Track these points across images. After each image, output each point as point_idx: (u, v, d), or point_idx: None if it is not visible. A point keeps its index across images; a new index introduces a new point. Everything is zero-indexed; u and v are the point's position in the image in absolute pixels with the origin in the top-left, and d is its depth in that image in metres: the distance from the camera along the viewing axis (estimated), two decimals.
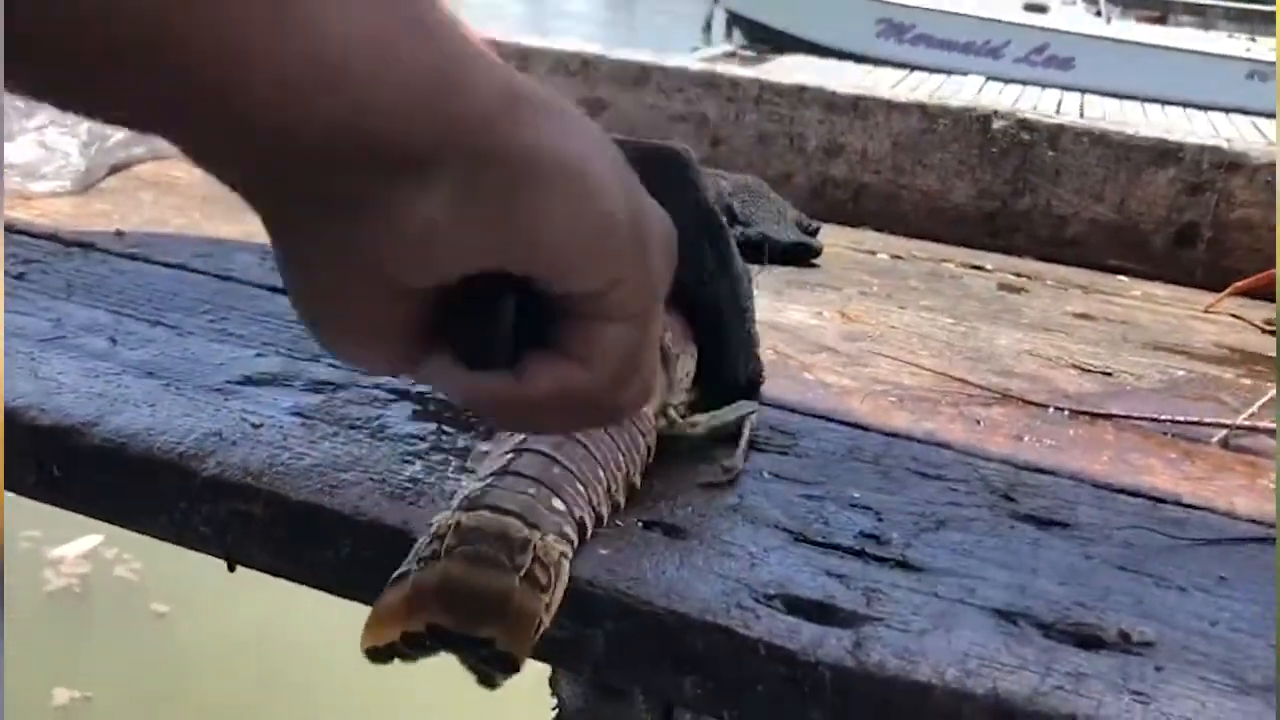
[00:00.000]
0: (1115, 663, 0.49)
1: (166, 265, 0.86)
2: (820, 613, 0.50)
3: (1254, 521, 0.63)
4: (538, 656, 0.54)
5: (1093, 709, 0.46)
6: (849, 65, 11.26)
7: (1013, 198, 1.09)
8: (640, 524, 0.56)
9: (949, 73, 11.19)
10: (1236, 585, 0.56)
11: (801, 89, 1.13)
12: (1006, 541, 0.58)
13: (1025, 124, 1.07)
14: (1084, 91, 10.65)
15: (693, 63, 1.17)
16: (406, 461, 0.59)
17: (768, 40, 14.03)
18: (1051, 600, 0.53)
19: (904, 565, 0.55)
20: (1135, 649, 0.50)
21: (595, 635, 0.51)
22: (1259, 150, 1.02)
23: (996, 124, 1.08)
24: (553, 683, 0.63)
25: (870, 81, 10.19)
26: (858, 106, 1.12)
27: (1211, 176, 1.03)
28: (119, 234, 0.91)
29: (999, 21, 13.79)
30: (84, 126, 1.07)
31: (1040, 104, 9.83)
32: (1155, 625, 0.52)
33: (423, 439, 0.62)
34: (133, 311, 0.77)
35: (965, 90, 10.25)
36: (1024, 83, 11.34)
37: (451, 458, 0.60)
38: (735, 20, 15.89)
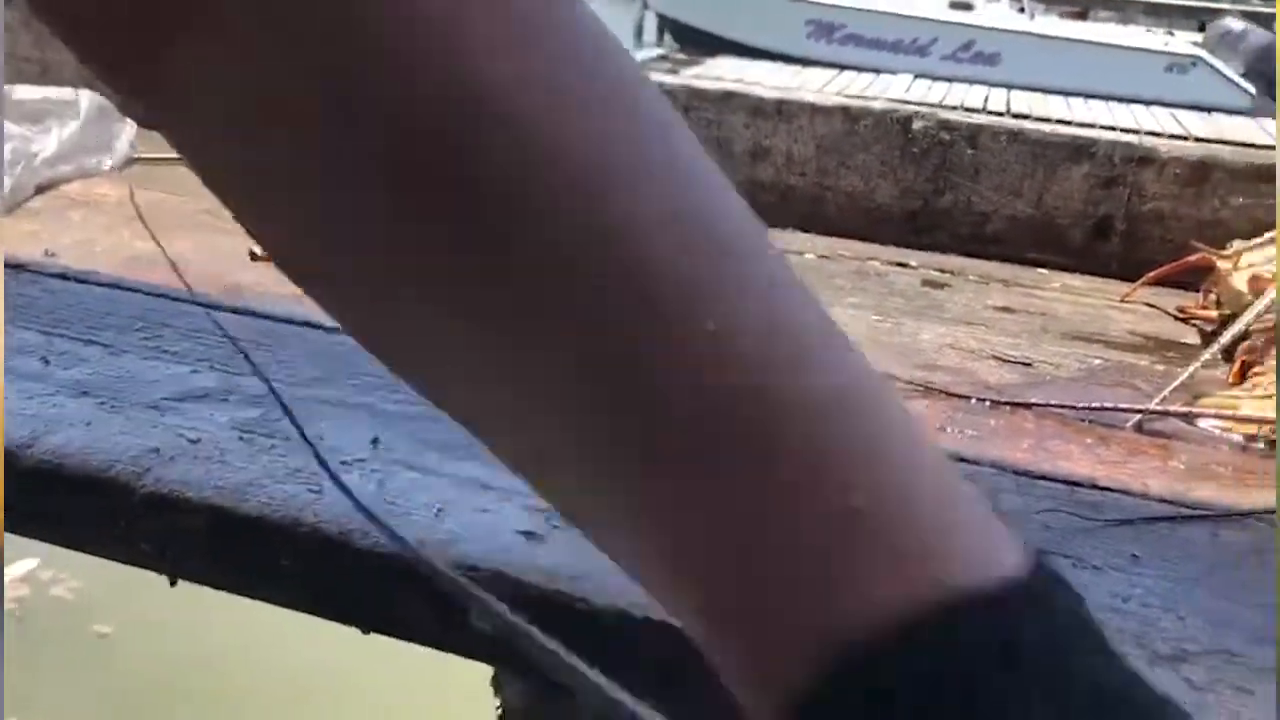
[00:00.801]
0: None
1: (98, 284, 0.85)
2: None
3: (1165, 501, 0.66)
4: (480, 658, 0.55)
5: None
6: (780, 66, 11.35)
7: (934, 196, 1.12)
8: None
9: (878, 71, 11.33)
10: (1148, 563, 0.59)
11: (727, 94, 1.15)
12: None
13: (945, 124, 1.11)
14: (1010, 87, 10.82)
15: None
16: (344, 471, 0.60)
17: (699, 43, 14.07)
18: None
19: None
20: None
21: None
22: (1167, 145, 1.06)
23: (917, 124, 1.11)
24: (495, 684, 0.64)
25: (799, 82, 10.29)
26: (782, 110, 1.14)
27: (1123, 171, 1.07)
28: (48, 254, 0.91)
29: (926, 20, 13.97)
30: (9, 145, 1.06)
31: (967, 99, 10.00)
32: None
33: (359, 449, 0.63)
34: (65, 331, 0.76)
35: (894, 88, 10.40)
36: (951, 80, 11.51)
37: (396, 467, 0.61)
38: (666, 24, 15.95)
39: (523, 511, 0.58)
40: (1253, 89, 13.75)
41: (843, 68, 11.68)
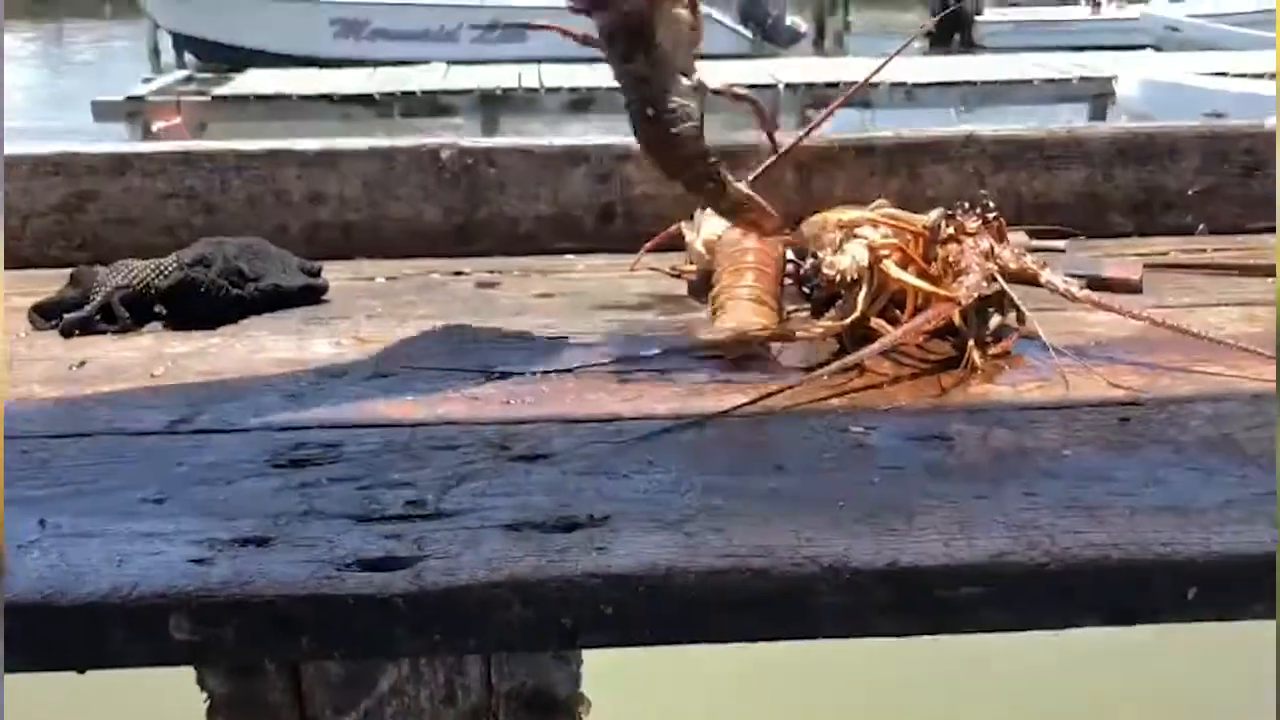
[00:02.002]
0: (584, 534, 0.73)
1: None
2: (387, 563, 0.71)
3: (668, 418, 0.91)
4: (184, 663, 0.70)
5: (574, 567, 0.70)
6: (312, 71, 11.23)
7: (472, 210, 1.33)
8: (235, 541, 0.73)
9: (413, 63, 11.50)
10: (659, 463, 0.83)
11: (274, 152, 1.29)
12: (509, 479, 0.82)
13: (466, 151, 1.32)
14: (540, 61, 11.38)
15: (169, 145, 1.30)
16: (24, 552, 0.72)
17: (223, 58, 13.61)
18: (543, 509, 0.77)
19: (440, 515, 0.76)
20: (598, 524, 0.75)
21: (226, 633, 0.68)
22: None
23: (444, 154, 1.32)
24: (200, 681, 0.78)
25: (330, 85, 10.24)
26: (326, 159, 1.31)
27: (612, 167, 1.33)
28: None
29: (448, 6, 14.32)
30: None
31: (502, 81, 10.43)
32: (611, 505, 0.77)
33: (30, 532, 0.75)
34: None
35: (431, 78, 10.61)
36: (485, 62, 11.92)
37: (70, 538, 0.74)
38: (183, 42, 15.22)
39: (190, 546, 0.72)
40: (749, 34, 15.26)
41: (376, 64, 11.76)
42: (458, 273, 1.30)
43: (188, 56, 14.95)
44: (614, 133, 1.35)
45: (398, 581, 0.69)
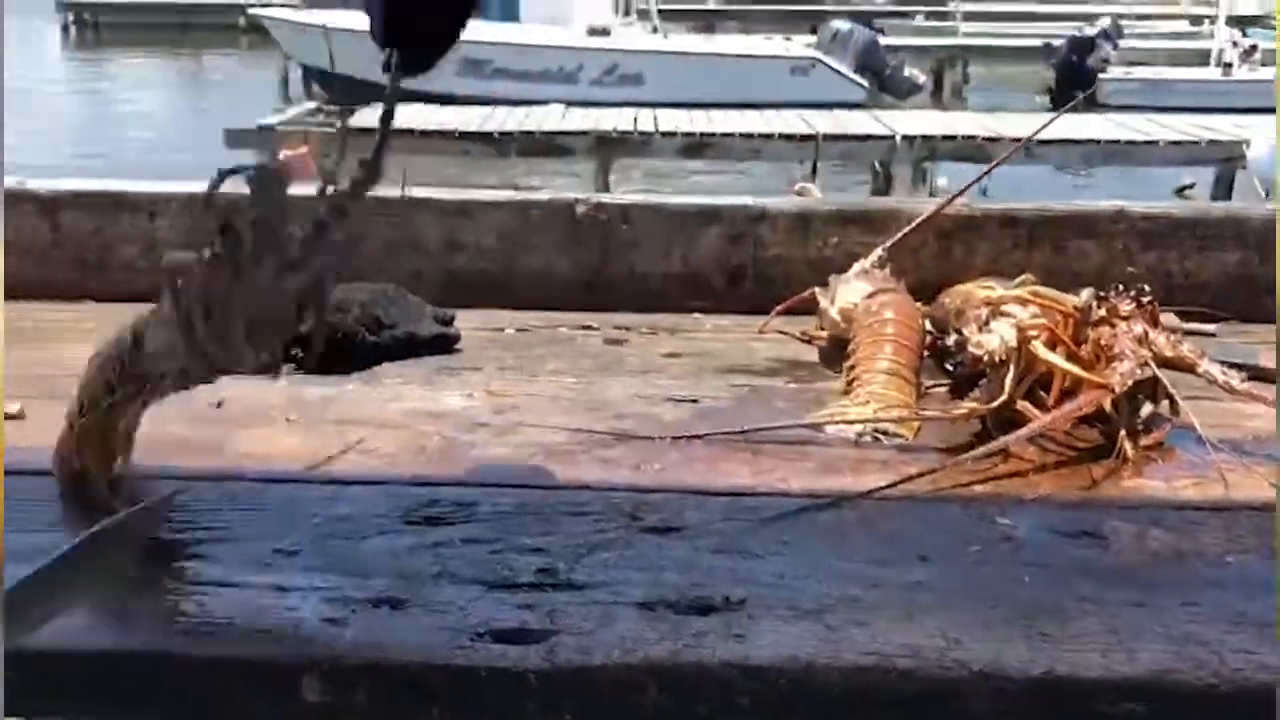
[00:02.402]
0: (721, 618, 0.71)
1: None
2: (519, 636, 0.70)
3: (804, 496, 0.89)
4: None
5: (710, 655, 0.68)
6: (432, 108, 11.50)
7: (603, 266, 1.33)
8: (368, 602, 0.73)
9: (532, 103, 11.70)
10: (794, 545, 0.81)
11: (414, 202, 1.31)
12: (640, 551, 0.80)
13: (600, 206, 1.32)
14: (656, 106, 11.49)
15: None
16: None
17: (349, 90, 14.02)
18: (675, 587, 0.75)
19: (571, 586, 0.75)
20: (734, 608, 0.73)
21: (357, 695, 0.68)
22: (772, 204, 1.32)
23: (579, 210, 1.32)
24: None
25: (460, 121, 10.48)
26: (464, 210, 1.32)
27: (745, 228, 1.32)
28: None
29: (569, 48, 14.58)
30: None
31: (619, 124, 10.55)
32: (745, 587, 0.75)
33: None
34: None
35: (549, 119, 10.78)
36: (602, 104, 12.08)
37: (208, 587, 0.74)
38: (312, 75, 15.74)
39: (324, 604, 0.72)
40: (865, 83, 15.21)
41: (497, 102, 11.99)
42: (586, 327, 1.30)
43: (315, 88, 15.44)
44: (727, 178, 1.34)
45: (531, 656, 0.68)
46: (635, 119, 10.75)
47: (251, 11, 16.74)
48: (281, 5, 16.90)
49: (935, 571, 0.78)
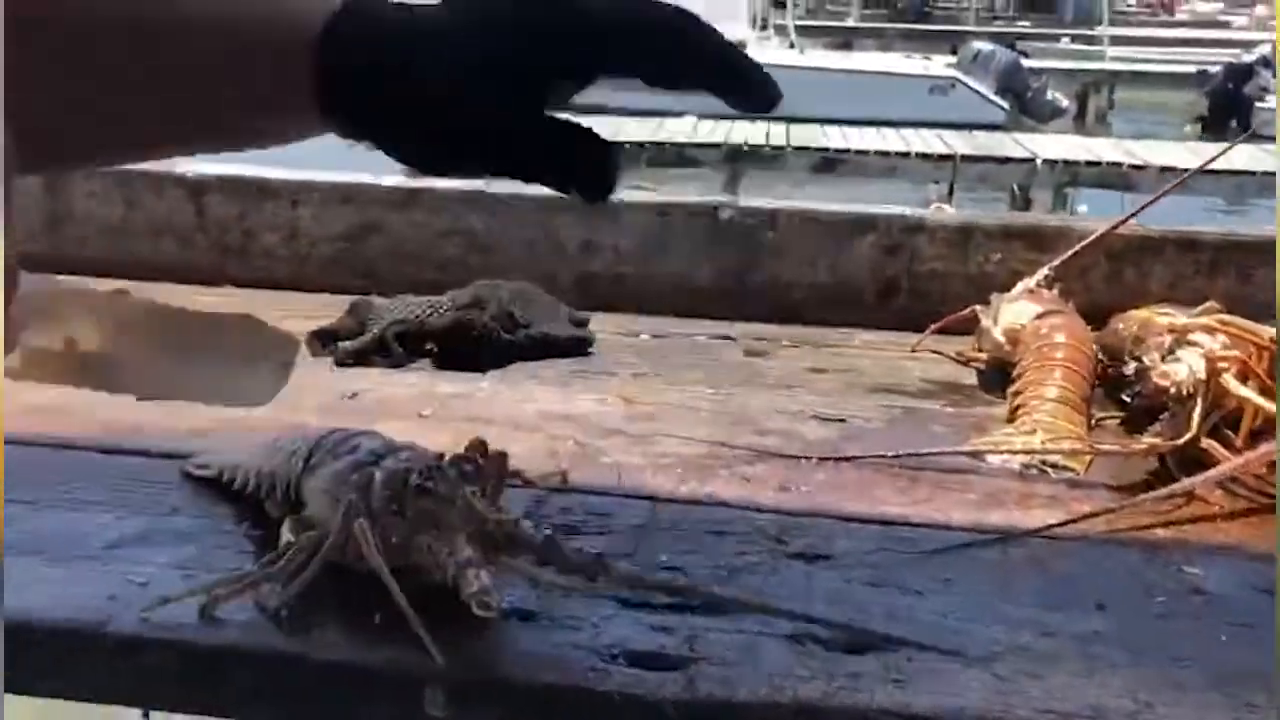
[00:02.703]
0: (877, 658, 0.65)
1: None
2: (656, 661, 0.64)
3: (966, 529, 0.81)
4: None
5: (867, 699, 0.61)
6: (562, 117, 11.57)
7: (746, 273, 1.28)
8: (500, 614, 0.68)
9: (663, 115, 11.71)
10: (958, 583, 0.74)
11: (555, 199, 1.27)
12: (785, 578, 0.74)
13: (746, 211, 1.26)
14: (789, 121, 11.39)
15: (455, 183, 1.30)
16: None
17: None
18: (828, 620, 0.68)
19: (712, 611, 0.69)
20: (892, 648, 0.66)
21: (483, 715, 0.63)
22: (931, 216, 1.25)
23: (723, 214, 1.27)
24: None
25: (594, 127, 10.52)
26: (604, 210, 1.28)
27: (902, 239, 1.25)
28: None
29: None
30: None
31: (750, 137, 10.47)
32: (904, 626, 0.68)
33: None
34: None
35: (680, 131, 10.77)
36: (734, 117, 12.01)
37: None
38: None
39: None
40: (1005, 105, 14.84)
41: (629, 112, 12.04)
42: (725, 337, 1.24)
43: None
44: (858, 197, 1.27)
45: (669, 685, 0.62)
46: (767, 133, 10.67)
47: None
48: None
49: (1115, 622, 0.70)
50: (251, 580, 0.68)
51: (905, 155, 10.14)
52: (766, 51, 15.19)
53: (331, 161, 1.27)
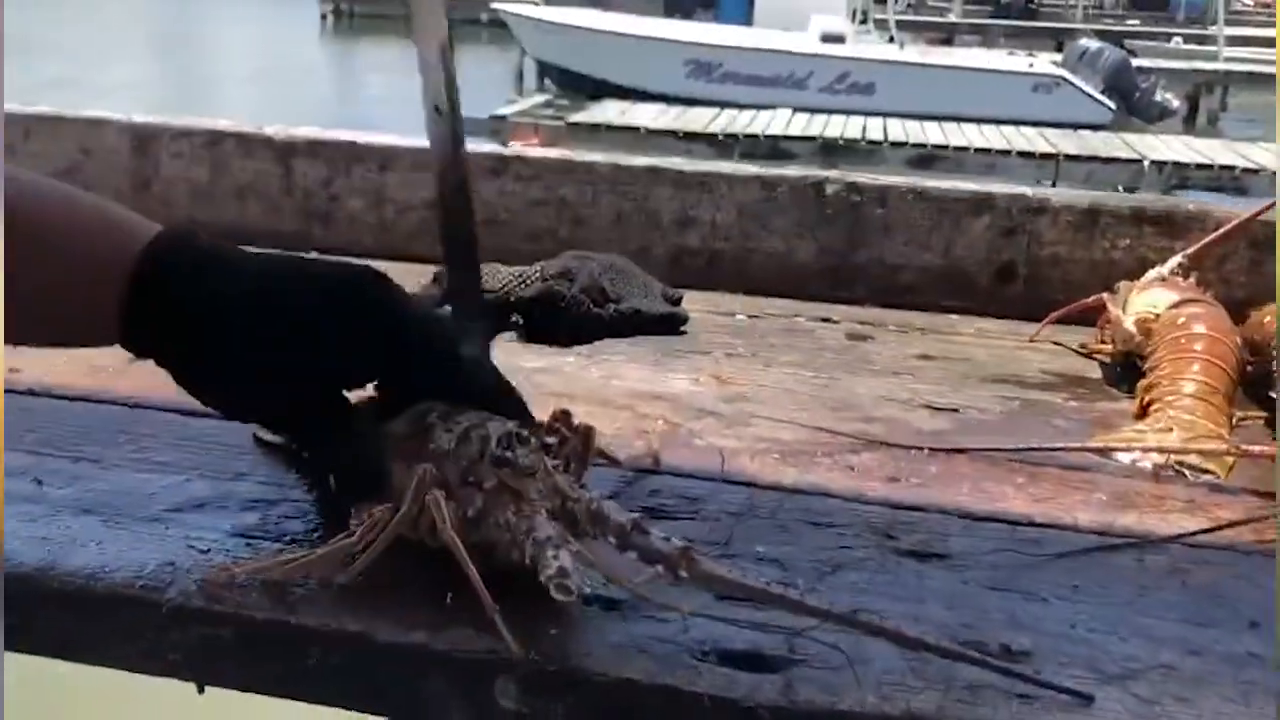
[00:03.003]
0: (999, 671, 0.57)
1: (69, 399, 0.88)
2: (751, 662, 0.58)
3: (1095, 532, 0.73)
4: None
5: (989, 714, 0.54)
6: (659, 107, 11.55)
7: (850, 253, 1.20)
8: (580, 600, 0.62)
9: (759, 107, 11.60)
10: (1087, 591, 0.66)
11: (653, 170, 1.22)
12: (895, 576, 0.67)
13: (854, 186, 1.19)
14: (886, 115, 11.20)
15: (550, 151, 1.25)
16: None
17: (579, 87, 14.27)
18: (941, 624, 0.62)
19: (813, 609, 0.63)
20: (1017, 658, 0.59)
21: (557, 708, 0.57)
22: (1057, 195, 1.16)
23: (829, 188, 1.19)
24: None
25: (684, 122, 10.49)
26: (703, 182, 1.21)
27: (1021, 220, 1.16)
28: (12, 370, 0.93)
29: (801, 54, 14.38)
30: None
31: (846, 131, 10.31)
32: (1029, 635, 0.61)
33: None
34: (51, 450, 0.79)
35: (775, 123, 10.66)
36: (829, 111, 11.85)
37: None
38: (546, 70, 16.10)
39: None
40: (1112, 104, 14.41)
41: (724, 105, 11.95)
42: (826, 319, 1.17)
43: (548, 83, 15.79)
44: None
45: (765, 689, 0.56)
46: (864, 127, 10.49)
47: (495, 5, 17.26)
48: (522, 2, 17.37)
49: (1271, 643, 0.62)
50: (318, 554, 0.63)
51: (1006, 153, 9.88)
52: (865, 46, 14.95)
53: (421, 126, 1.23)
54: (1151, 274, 1.06)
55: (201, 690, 0.63)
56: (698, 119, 10.66)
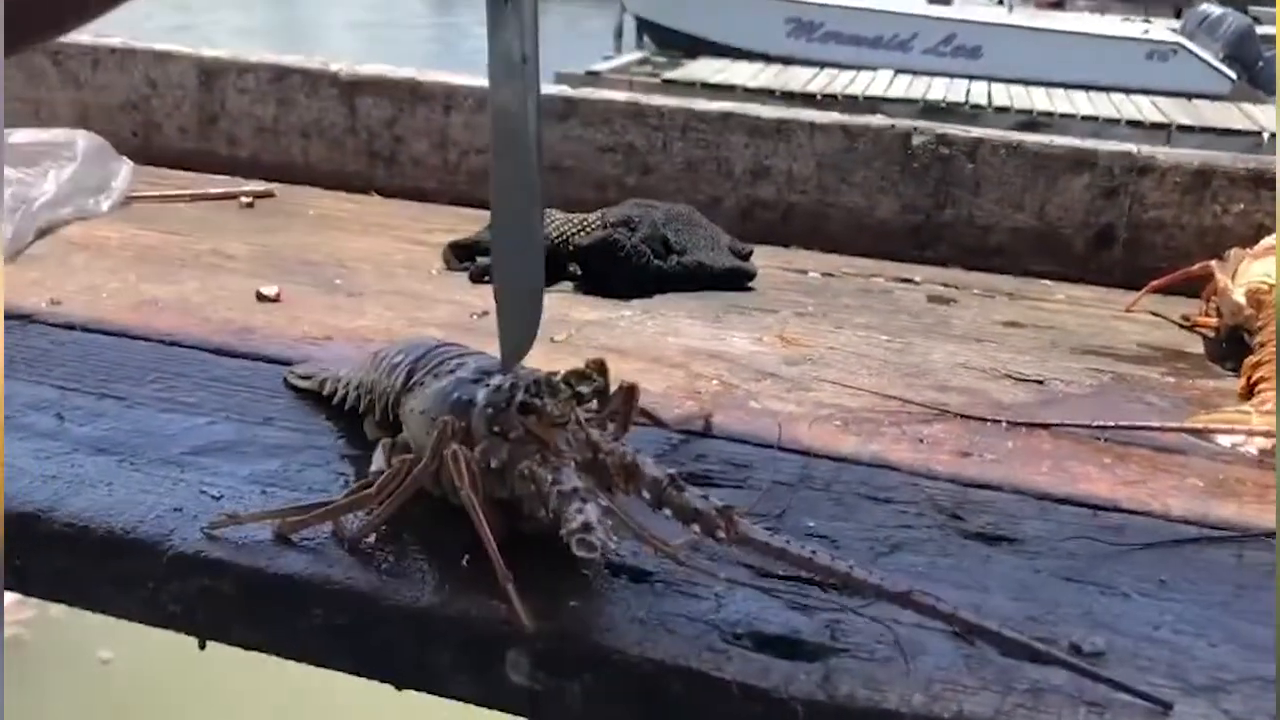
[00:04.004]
0: (1070, 675, 0.51)
1: (107, 334, 0.85)
2: (787, 648, 0.52)
3: (1188, 522, 0.66)
4: (514, 710, 0.55)
5: None
6: (757, 66, 11.36)
7: (936, 210, 1.12)
8: (606, 569, 0.57)
9: (859, 68, 11.35)
10: (1175, 587, 0.59)
11: (726, 115, 1.15)
12: (958, 561, 0.61)
13: (944, 139, 1.11)
14: (991, 80, 10.86)
15: (619, 94, 1.19)
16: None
17: (678, 44, 14.09)
18: (1005, 617, 0.55)
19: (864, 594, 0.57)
20: (1087, 660, 0.53)
21: (572, 687, 0.52)
22: (1166, 154, 1.06)
23: (916, 140, 1.12)
24: None
25: (781, 81, 10.31)
26: (781, 129, 1.14)
27: (1124, 180, 1.07)
28: (54, 302, 0.90)
29: (905, 15, 14.00)
30: (8, 191, 1.06)
31: (949, 94, 10.02)
32: (1104, 634, 0.54)
33: None
34: (78, 385, 0.76)
35: (876, 84, 10.41)
36: (933, 74, 11.53)
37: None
38: (645, 26, 15.94)
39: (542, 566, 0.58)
40: (1232, 74, 13.81)
41: (824, 65, 11.70)
42: (906, 279, 1.10)
43: (645, 40, 15.64)
44: None
45: (800, 679, 0.50)
46: (968, 90, 10.19)
47: None
48: None
49: None
50: (333, 506, 0.59)
51: (1114, 121, 9.51)
52: (972, 8, 14.51)
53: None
54: (1267, 241, 0.97)
55: (203, 646, 0.59)
56: (795, 78, 10.46)
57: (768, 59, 12.20)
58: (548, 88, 1.22)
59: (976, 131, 1.12)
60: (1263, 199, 1.05)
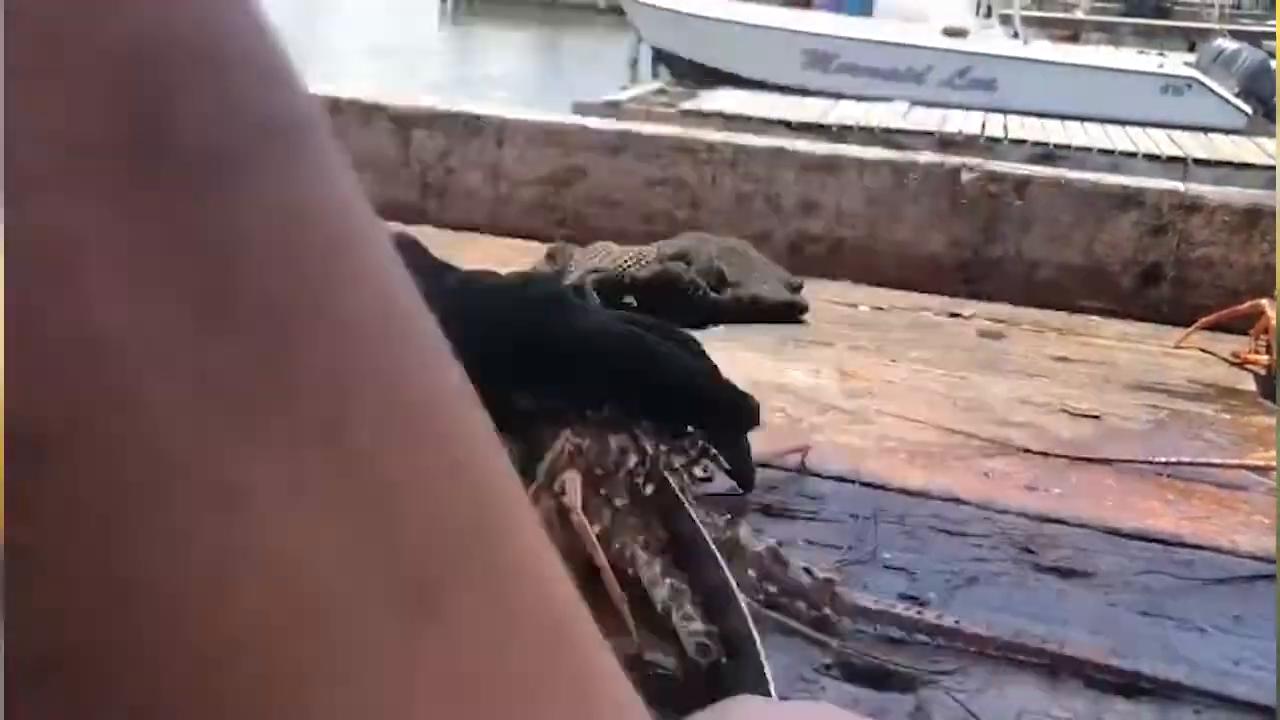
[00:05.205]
0: (1157, 707, 0.52)
1: None
2: (879, 679, 0.53)
3: (1256, 558, 0.67)
4: None
5: None
6: (773, 97, 11.43)
7: (984, 246, 1.14)
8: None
9: (875, 100, 11.40)
10: (1251, 624, 0.60)
11: (777, 150, 1.17)
12: (1035, 594, 0.62)
13: (993, 176, 1.13)
14: (1006, 112, 10.91)
15: (669, 129, 1.21)
16: None
17: (694, 75, 14.20)
18: (1088, 653, 0.56)
19: (943, 626, 0.58)
20: (1168, 694, 0.54)
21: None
22: (1213, 194, 1.08)
23: (965, 177, 1.13)
24: None
25: (790, 112, 10.34)
26: (831, 165, 1.16)
27: (1172, 218, 1.09)
28: None
29: (921, 47, 14.08)
30: None
31: (965, 126, 10.06)
32: (1184, 667, 0.56)
33: None
34: None
35: (890, 116, 10.46)
36: (948, 106, 11.58)
37: None
38: (660, 57, 16.07)
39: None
40: (1248, 109, 13.84)
41: (839, 96, 11.77)
42: (955, 314, 1.11)
43: (662, 70, 15.74)
44: None
45: (892, 711, 0.51)
46: (983, 123, 10.24)
47: None
48: None
49: None
50: None
51: (1131, 155, 9.52)
52: (987, 41, 14.59)
53: (537, 99, 1.20)
54: None
55: None
56: (810, 109, 10.51)
57: (784, 90, 12.27)
58: (601, 122, 1.25)
59: (1024, 169, 1.14)
60: None
